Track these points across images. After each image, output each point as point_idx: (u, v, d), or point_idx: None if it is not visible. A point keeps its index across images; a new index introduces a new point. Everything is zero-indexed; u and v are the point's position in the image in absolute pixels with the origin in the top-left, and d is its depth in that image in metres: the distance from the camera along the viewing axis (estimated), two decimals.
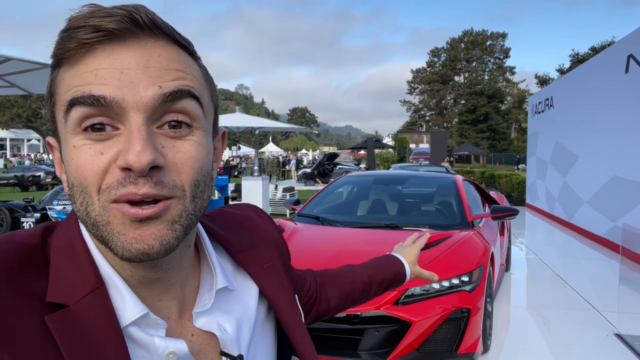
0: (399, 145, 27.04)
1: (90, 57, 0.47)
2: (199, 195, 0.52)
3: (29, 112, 64.59)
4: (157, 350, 0.52)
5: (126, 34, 0.48)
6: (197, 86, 0.52)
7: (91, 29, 0.46)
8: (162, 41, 0.50)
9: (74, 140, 0.48)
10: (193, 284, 0.61)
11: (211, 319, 0.59)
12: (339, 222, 4.15)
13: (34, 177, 20.03)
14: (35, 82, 6.07)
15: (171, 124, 0.49)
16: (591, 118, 8.31)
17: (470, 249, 3.38)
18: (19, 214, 8.45)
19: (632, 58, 6.70)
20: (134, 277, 0.54)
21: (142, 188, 0.46)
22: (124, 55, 0.47)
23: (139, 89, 0.47)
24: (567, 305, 4.58)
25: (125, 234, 0.48)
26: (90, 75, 0.47)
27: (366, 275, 1.03)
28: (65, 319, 0.48)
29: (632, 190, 6.51)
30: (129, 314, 0.51)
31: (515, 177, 14.52)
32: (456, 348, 2.92)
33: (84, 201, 0.48)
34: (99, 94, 0.46)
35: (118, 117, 0.47)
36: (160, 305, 0.56)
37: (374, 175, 5.43)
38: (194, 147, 0.51)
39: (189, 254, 0.60)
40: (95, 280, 0.51)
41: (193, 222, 0.52)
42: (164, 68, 0.49)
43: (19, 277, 0.48)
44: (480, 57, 65.87)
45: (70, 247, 0.53)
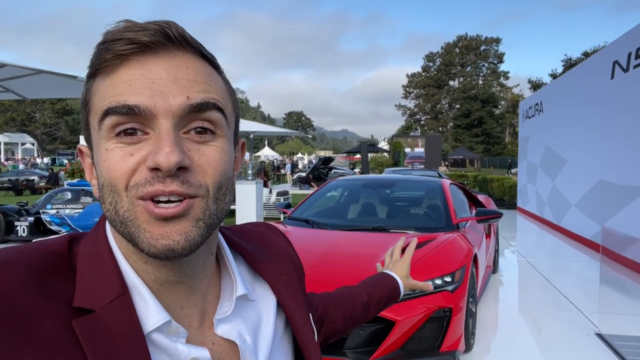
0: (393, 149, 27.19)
1: (124, 67, 0.51)
2: (221, 198, 0.55)
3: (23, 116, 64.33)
4: (180, 356, 0.54)
5: (158, 46, 0.51)
6: (221, 98, 0.55)
7: (126, 41, 0.50)
8: (190, 54, 0.54)
9: (106, 144, 0.51)
10: (214, 292, 0.63)
11: (232, 327, 0.60)
12: (328, 224, 4.24)
13: (27, 181, 19.98)
14: (30, 87, 6.13)
15: (197, 130, 0.53)
16: (578, 123, 8.46)
17: (453, 251, 3.47)
18: (12, 217, 8.45)
19: (617, 64, 6.86)
20: (157, 281, 0.56)
21: (169, 186, 0.49)
22: (156, 67, 0.51)
23: (169, 98, 0.50)
24: (551, 306, 4.68)
25: (151, 231, 0.50)
26: (124, 86, 0.50)
27: (365, 295, 1.05)
28: (92, 324, 0.49)
29: (618, 193, 6.64)
30: (152, 321, 0.53)
31: (507, 181, 14.66)
32: (439, 346, 3.02)
33: (113, 200, 0.51)
34: (133, 104, 0.49)
35: (148, 123, 0.51)
36: (182, 313, 0.58)
37: (363, 179, 5.53)
38: (217, 152, 0.54)
39: (212, 261, 0.62)
40: (121, 287, 0.53)
41: (215, 223, 0.55)
42: (192, 80, 0.52)
43: (47, 283, 0.51)
44: (475, 62, 66.38)
45: (96, 254, 0.55)
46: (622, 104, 6.68)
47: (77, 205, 8.97)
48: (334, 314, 0.98)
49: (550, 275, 5.83)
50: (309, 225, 4.28)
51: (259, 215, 9.70)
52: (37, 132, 65.22)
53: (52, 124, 66.77)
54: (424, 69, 69.85)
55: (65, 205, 8.99)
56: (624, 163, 6.52)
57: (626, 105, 6.53)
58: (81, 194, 9.19)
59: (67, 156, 49.09)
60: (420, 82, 69.19)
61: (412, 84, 70.21)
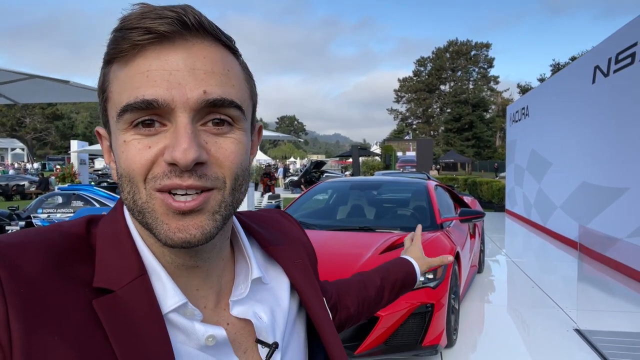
0: (384, 153, 27.39)
1: (141, 57, 0.50)
2: (237, 189, 0.55)
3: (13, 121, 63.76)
4: (197, 334, 0.55)
5: (175, 36, 0.51)
6: (238, 91, 0.55)
7: (143, 30, 0.49)
8: (208, 42, 0.53)
9: (124, 135, 0.52)
10: (229, 275, 0.64)
11: (247, 308, 0.61)
12: (316, 225, 4.35)
13: (18, 186, 19.86)
14: (22, 92, 6.16)
15: (214, 122, 0.53)
16: (562, 127, 8.66)
17: (435, 249, 3.59)
18: (3, 222, 8.45)
19: (598, 69, 7.06)
20: (173, 264, 0.57)
21: (186, 180, 0.50)
22: (173, 57, 0.50)
23: (186, 91, 0.50)
24: (533, 303, 4.82)
25: (168, 224, 0.51)
26: (142, 77, 0.50)
27: (378, 280, 1.05)
28: (112, 303, 0.50)
29: (599, 195, 6.82)
30: (169, 302, 0.54)
31: (496, 184, 14.86)
32: (421, 341, 3.13)
33: (131, 190, 0.52)
34: (151, 98, 0.49)
35: (166, 115, 0.51)
36: (198, 295, 0.59)
37: (351, 181, 5.65)
38: (235, 144, 0.54)
39: (227, 246, 0.63)
40: (139, 268, 0.54)
41: (231, 213, 0.56)
42: (209, 71, 0.52)
43: (67, 264, 0.51)
44: (465, 67, 66.98)
45: (115, 235, 0.56)
46: (603, 107, 6.87)
47: (68, 210, 8.98)
48: (348, 300, 0.98)
49: (534, 274, 5.98)
50: None
51: None
52: (27, 137, 64.67)
53: (42, 129, 66.23)
54: (416, 74, 70.36)
55: (56, 210, 9.01)
56: (605, 165, 6.71)
57: (607, 109, 6.72)
58: (72, 199, 9.21)
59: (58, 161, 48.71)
60: (411, 86, 69.69)
61: (404, 88, 70.69)
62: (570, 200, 8.09)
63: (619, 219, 6.16)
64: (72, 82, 4.97)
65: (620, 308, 4.72)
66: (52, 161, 50.05)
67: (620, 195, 6.16)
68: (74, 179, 13.39)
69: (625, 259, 5.88)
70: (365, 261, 3.37)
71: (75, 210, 8.82)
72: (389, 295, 1.07)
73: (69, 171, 13.65)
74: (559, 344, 3.78)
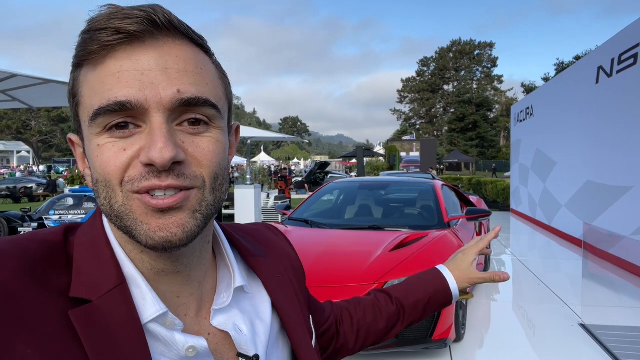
0: (388, 153, 27.48)
1: (111, 59, 0.49)
2: (217, 188, 0.54)
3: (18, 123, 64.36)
4: (177, 345, 0.53)
5: (145, 35, 0.49)
6: (212, 90, 0.54)
7: (112, 31, 0.48)
8: (179, 40, 0.52)
9: (98, 139, 0.50)
10: (211, 282, 0.62)
11: (228, 318, 0.60)
12: (326, 224, 4.47)
13: (26, 188, 20.12)
14: (36, 96, 6.33)
15: (190, 121, 0.52)
16: (567, 126, 8.74)
17: (444, 246, 3.71)
18: (16, 223, 8.63)
19: (602, 69, 7.14)
20: (153, 270, 0.55)
21: (165, 181, 0.49)
22: (144, 57, 0.49)
23: (159, 90, 0.49)
24: (539, 299, 4.92)
25: (148, 223, 0.50)
26: (113, 79, 0.48)
27: (392, 305, 0.94)
28: (89, 314, 0.49)
29: (604, 193, 6.91)
30: (148, 312, 0.52)
31: (500, 183, 14.92)
32: (431, 334, 3.24)
33: (107, 195, 0.50)
34: (124, 100, 0.48)
35: (140, 117, 0.49)
36: (178, 302, 0.57)
37: (359, 182, 5.77)
38: (212, 143, 0.53)
39: (208, 250, 0.61)
40: (118, 277, 0.52)
41: (212, 213, 0.55)
42: (182, 70, 0.50)
43: (42, 273, 0.49)
44: (469, 67, 67.05)
45: (93, 243, 0.54)
46: (606, 107, 6.95)
47: (80, 211, 9.15)
48: (347, 326, 0.91)
49: (539, 272, 6.07)
50: (308, 225, 4.50)
51: (257, 219, 9.91)
52: (33, 140, 65.18)
53: (47, 132, 66.76)
54: (419, 74, 70.46)
55: (67, 211, 9.17)
56: (609, 164, 6.79)
57: (610, 109, 6.80)
58: (83, 200, 9.38)
59: (64, 164, 49.12)
60: (414, 86, 69.79)
61: (407, 88, 70.81)
62: (575, 199, 8.18)
63: (623, 217, 6.24)
64: None
65: (624, 304, 4.82)
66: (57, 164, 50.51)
67: (625, 193, 6.25)
68: (83, 181, 13.58)
69: (629, 256, 5.97)
70: (376, 258, 3.48)
71: (86, 212, 8.99)
72: (409, 319, 0.95)
73: (78, 173, 13.84)
74: (564, 339, 3.88)
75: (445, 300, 0.96)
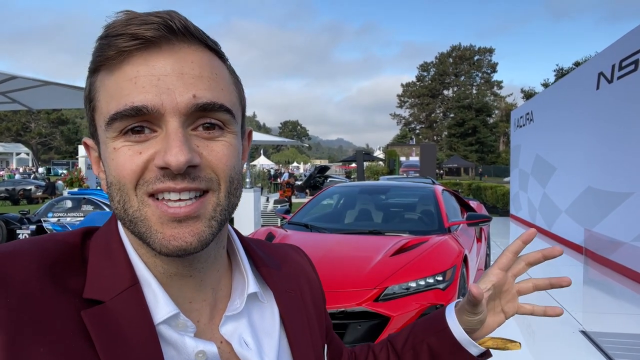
0: (388, 158, 27.50)
1: (128, 64, 0.50)
2: (232, 192, 0.55)
3: (18, 125, 64.29)
4: (187, 349, 0.53)
5: (162, 41, 0.50)
6: (227, 95, 0.54)
7: (129, 37, 0.49)
8: (195, 46, 0.52)
9: (114, 143, 0.51)
10: (225, 290, 0.62)
11: (235, 329, 0.59)
12: (326, 228, 4.45)
13: (24, 190, 20.08)
14: (36, 98, 6.32)
15: (205, 126, 0.52)
16: (567, 131, 8.74)
17: (444, 251, 3.69)
18: (14, 226, 8.60)
19: (602, 75, 7.14)
20: (166, 274, 0.55)
21: (180, 184, 0.49)
22: (160, 62, 0.50)
23: (175, 96, 0.49)
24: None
25: (162, 232, 0.50)
26: (130, 84, 0.49)
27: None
28: (100, 315, 0.49)
29: (604, 199, 6.90)
30: (160, 313, 0.52)
31: (500, 188, 14.92)
32: None
33: (121, 199, 0.51)
34: (140, 105, 0.49)
35: (156, 121, 0.50)
36: (191, 308, 0.57)
37: (359, 186, 5.76)
38: (227, 148, 0.53)
39: (222, 255, 0.61)
40: (131, 278, 0.53)
41: (226, 218, 0.55)
42: (197, 75, 0.51)
43: (58, 273, 0.50)
44: (468, 72, 67.17)
45: (107, 246, 0.55)
46: (607, 113, 6.95)
47: (78, 214, 9.12)
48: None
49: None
50: (308, 230, 4.48)
51: (256, 223, 9.89)
52: (32, 142, 65.16)
53: (47, 134, 66.74)
54: (419, 79, 70.59)
55: (66, 214, 9.15)
56: (610, 170, 6.78)
57: (611, 115, 6.80)
58: (82, 203, 9.35)
59: (63, 166, 49.11)
60: (414, 91, 69.89)
61: (407, 93, 70.90)
62: (575, 205, 8.16)
63: (624, 223, 6.23)
64: None
65: (625, 310, 4.79)
66: (57, 166, 50.50)
67: (625, 199, 6.23)
68: (82, 183, 13.55)
69: (630, 263, 5.95)
70: (376, 263, 3.46)
71: (85, 215, 8.96)
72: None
73: (77, 175, 13.81)
74: (565, 346, 3.85)
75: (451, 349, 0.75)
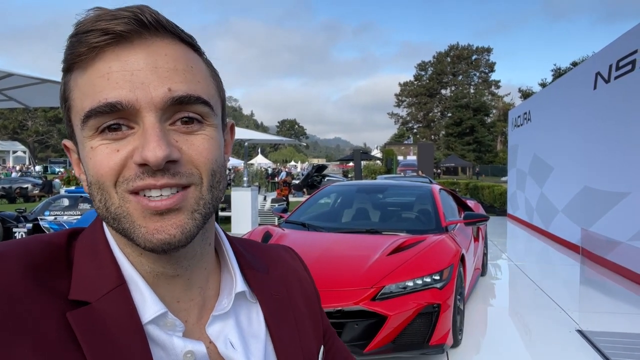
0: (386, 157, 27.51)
1: (100, 60, 0.49)
2: (215, 186, 0.54)
3: (15, 124, 64.07)
4: (175, 349, 0.52)
5: (133, 35, 0.49)
6: (204, 87, 0.53)
7: (100, 32, 0.48)
8: (168, 40, 0.51)
9: (91, 142, 0.50)
10: (214, 289, 0.61)
11: (221, 329, 0.58)
12: (323, 227, 4.44)
13: (21, 188, 20.02)
14: (33, 96, 6.28)
15: (183, 120, 0.51)
16: (564, 131, 8.76)
17: (441, 251, 3.69)
18: (11, 224, 8.57)
19: (599, 75, 7.16)
20: (152, 273, 0.54)
21: (160, 180, 0.49)
22: (133, 57, 0.49)
23: (150, 90, 0.48)
24: (536, 305, 4.91)
25: (146, 226, 0.49)
26: (103, 81, 0.48)
27: None
28: (86, 316, 0.48)
29: (601, 199, 6.92)
30: (148, 312, 0.52)
31: (498, 188, 14.95)
32: (428, 340, 3.22)
33: (102, 197, 0.50)
34: (115, 101, 0.47)
35: (132, 117, 0.49)
36: (179, 307, 0.56)
37: (357, 185, 5.75)
38: (207, 141, 0.52)
39: (209, 253, 0.60)
40: (117, 278, 0.52)
41: (210, 212, 0.54)
42: (172, 68, 0.50)
43: (44, 275, 0.50)
44: (466, 71, 67.21)
45: (92, 246, 0.55)
46: (604, 113, 6.97)
47: (75, 212, 9.10)
48: None
49: (536, 277, 6.06)
50: (305, 228, 4.48)
51: (253, 221, 9.88)
52: (29, 140, 64.92)
53: (44, 132, 66.51)
54: (417, 78, 70.60)
55: (63, 212, 9.12)
56: (607, 170, 6.80)
57: (608, 115, 6.82)
58: (79, 201, 9.33)
59: (60, 164, 48.94)
60: (412, 90, 69.90)
61: (405, 92, 70.91)
62: (572, 204, 8.18)
63: (620, 223, 6.25)
64: None
65: (622, 310, 4.81)
66: (54, 164, 50.31)
67: (622, 199, 6.25)
68: (79, 181, 13.51)
69: (627, 262, 5.97)
70: (373, 262, 3.46)
71: (82, 213, 8.94)
72: None
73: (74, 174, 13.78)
74: (561, 345, 3.86)
75: None
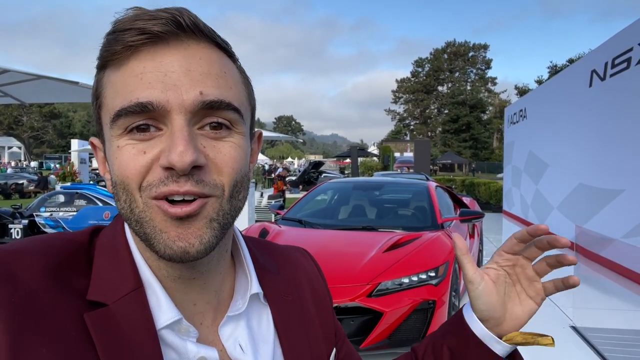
0: (382, 153, 27.55)
1: (135, 60, 0.49)
2: (235, 196, 0.53)
3: (10, 119, 63.64)
4: (188, 355, 0.52)
5: (170, 36, 0.49)
6: (236, 94, 0.53)
7: (137, 31, 0.48)
8: (204, 44, 0.51)
9: (118, 141, 0.49)
10: (228, 291, 0.61)
11: (232, 331, 0.58)
12: (320, 224, 4.46)
13: (16, 184, 19.93)
14: (28, 92, 6.25)
15: (212, 125, 0.51)
16: (559, 129, 8.80)
17: (437, 248, 3.71)
18: (6, 220, 8.52)
19: (595, 73, 7.19)
20: (169, 277, 0.54)
21: (183, 186, 0.48)
22: (168, 58, 0.49)
23: (182, 92, 0.48)
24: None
25: (167, 232, 0.49)
26: (136, 80, 0.48)
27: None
28: (103, 317, 0.49)
29: (596, 196, 6.96)
30: (163, 318, 0.52)
31: (493, 184, 15.01)
32: (423, 336, 3.24)
33: (127, 199, 0.50)
34: (146, 101, 0.47)
35: (161, 119, 0.49)
36: (195, 310, 0.57)
37: (353, 182, 5.77)
38: (234, 149, 0.52)
39: (226, 258, 0.60)
40: (135, 281, 0.52)
41: (229, 222, 0.53)
42: (205, 72, 0.50)
43: (64, 274, 0.50)
44: (463, 68, 67.29)
45: (113, 247, 0.55)
46: (599, 111, 7.00)
47: (71, 208, 9.07)
48: None
49: None
50: (302, 225, 4.49)
51: (250, 218, 9.89)
52: (24, 136, 64.55)
53: (39, 128, 66.12)
54: (413, 75, 70.63)
55: (59, 208, 9.09)
56: (602, 167, 6.84)
57: (603, 112, 6.85)
58: (75, 197, 9.30)
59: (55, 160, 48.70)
60: (409, 87, 69.95)
61: (402, 89, 70.95)
62: (567, 201, 8.23)
63: (614, 220, 6.29)
64: (82, 84, 5.06)
65: (615, 306, 4.86)
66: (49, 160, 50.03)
67: (616, 196, 6.30)
68: (75, 177, 13.46)
69: (620, 259, 6.02)
70: (369, 259, 3.48)
71: (78, 209, 8.91)
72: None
73: (70, 170, 13.72)
74: (555, 340, 3.88)
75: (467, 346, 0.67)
